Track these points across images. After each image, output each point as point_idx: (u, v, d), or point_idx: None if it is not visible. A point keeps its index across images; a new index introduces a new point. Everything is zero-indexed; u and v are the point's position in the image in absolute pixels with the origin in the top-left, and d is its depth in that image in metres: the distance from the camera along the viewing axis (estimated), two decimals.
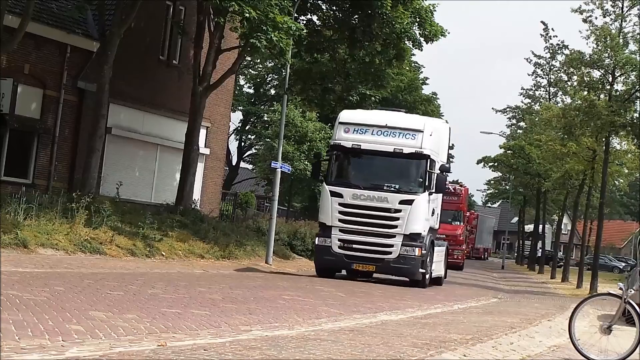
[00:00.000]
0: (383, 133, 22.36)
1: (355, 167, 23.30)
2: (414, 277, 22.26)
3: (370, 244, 21.83)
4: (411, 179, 22.45)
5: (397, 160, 22.23)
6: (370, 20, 31.03)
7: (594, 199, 40.41)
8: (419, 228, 21.92)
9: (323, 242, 22.17)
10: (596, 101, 29.77)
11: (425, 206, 22.12)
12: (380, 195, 21.82)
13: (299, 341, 8.41)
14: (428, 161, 22.22)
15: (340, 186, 22.23)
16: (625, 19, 30.94)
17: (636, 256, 27.19)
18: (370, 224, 21.81)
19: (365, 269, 22.44)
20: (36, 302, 9.17)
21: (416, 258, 21.72)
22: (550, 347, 11.12)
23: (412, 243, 21.77)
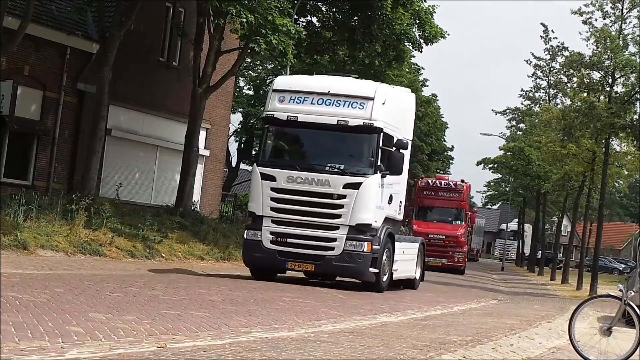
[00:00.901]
0: (325, 102, 18.47)
1: (290, 143, 19.54)
2: (363, 278, 18.49)
3: (309, 238, 17.91)
4: (359, 158, 18.55)
5: (342, 134, 18.37)
6: (370, 21, 31.05)
7: (593, 201, 40.41)
8: (368, 218, 17.95)
9: (252, 236, 18.19)
10: (596, 103, 29.77)
11: (376, 191, 18.14)
12: (320, 178, 17.95)
13: (298, 343, 8.41)
14: (380, 136, 18.17)
15: (272, 167, 18.28)
16: (625, 21, 30.94)
17: (636, 258, 27.23)
18: (308, 213, 17.93)
19: (303, 269, 18.50)
20: (36, 303, 9.17)
21: (364, 255, 17.76)
22: (550, 349, 11.13)
23: (359, 236, 17.83)
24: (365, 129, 18.11)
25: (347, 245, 17.82)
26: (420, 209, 42.01)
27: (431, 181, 43.69)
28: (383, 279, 18.64)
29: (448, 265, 38.90)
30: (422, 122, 59.60)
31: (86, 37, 26.18)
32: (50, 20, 25.17)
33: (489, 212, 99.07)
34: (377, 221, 18.30)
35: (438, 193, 41.95)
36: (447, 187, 42.28)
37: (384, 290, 18.57)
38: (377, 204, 18.21)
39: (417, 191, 42.66)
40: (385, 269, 18.78)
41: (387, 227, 18.84)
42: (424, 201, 41.92)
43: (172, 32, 29.68)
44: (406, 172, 20.64)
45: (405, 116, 20.73)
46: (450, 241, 39.87)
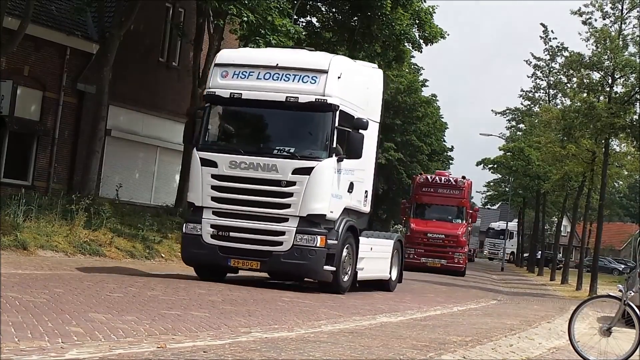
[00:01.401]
0: (273, 76, 16.26)
1: (234, 124, 17.41)
2: (317, 277, 16.34)
3: (254, 231, 15.79)
4: (311, 139, 16.35)
5: (292, 113, 16.23)
6: (370, 22, 31.10)
7: (593, 201, 40.40)
8: (321, 208, 15.76)
9: (192, 230, 16.14)
10: (596, 103, 29.76)
11: (330, 176, 15.89)
12: (267, 163, 15.77)
13: (298, 343, 8.42)
14: (336, 114, 15.93)
15: (213, 151, 16.24)
16: (624, 21, 30.94)
17: (636, 258, 27.23)
18: (253, 203, 15.80)
19: (247, 267, 16.10)
20: (36, 304, 9.17)
21: (317, 250, 15.55)
22: (550, 349, 11.14)
23: (311, 229, 15.67)
24: (318, 106, 15.93)
25: (297, 239, 15.63)
26: (418, 207, 39.57)
27: (430, 177, 41.29)
28: (343, 278, 16.53)
29: (447, 266, 37.02)
30: (422, 122, 59.70)
31: (86, 38, 26.20)
32: (50, 20, 25.19)
33: (488, 212, 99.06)
34: (334, 212, 16.11)
35: (437, 190, 39.45)
36: (447, 184, 39.73)
37: (344, 291, 16.57)
38: (332, 192, 15.99)
39: (416, 188, 40.53)
40: (347, 268, 16.63)
41: (348, 220, 16.61)
42: (423, 198, 39.45)
43: (172, 33, 29.70)
44: (373, 158, 18.43)
45: (369, 94, 18.22)
46: (450, 241, 37.68)
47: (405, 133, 58.26)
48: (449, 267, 36.96)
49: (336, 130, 15.98)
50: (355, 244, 17.00)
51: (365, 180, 17.81)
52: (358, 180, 17.23)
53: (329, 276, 16.06)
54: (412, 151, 58.53)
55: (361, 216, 17.96)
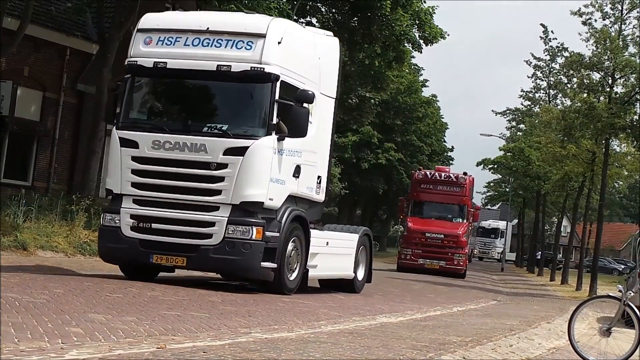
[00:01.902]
0: (203, 42, 14.14)
1: (158, 98, 15.29)
2: (253, 275, 14.13)
3: (179, 222, 13.73)
4: (246, 115, 14.18)
5: (224, 84, 14.16)
6: (370, 22, 31.09)
7: (593, 201, 40.42)
8: (257, 194, 13.60)
9: (110, 222, 14.09)
10: (596, 103, 29.77)
11: (269, 157, 13.71)
12: (195, 142, 13.66)
13: (298, 343, 8.42)
14: (276, 85, 13.85)
15: (134, 130, 14.14)
16: (624, 22, 30.97)
17: (635, 258, 27.25)
18: (178, 189, 13.74)
19: (171, 263, 13.92)
20: (35, 304, 9.17)
21: (252, 243, 13.40)
22: (550, 350, 11.15)
23: (245, 219, 13.56)
24: (254, 75, 13.79)
25: (229, 230, 13.53)
26: (416, 205, 37.10)
27: (429, 173, 38.59)
28: (289, 277, 14.40)
29: (447, 268, 34.83)
30: (422, 122, 59.72)
31: (86, 38, 26.22)
32: (50, 21, 25.20)
33: (488, 212, 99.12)
34: (274, 199, 13.94)
35: (437, 187, 36.94)
36: (447, 181, 37.19)
37: (290, 291, 14.44)
38: (272, 176, 13.82)
39: (413, 184, 38.23)
40: (293, 265, 14.51)
41: (294, 209, 14.46)
42: (421, 196, 36.99)
43: None
44: (327, 140, 16.13)
45: (322, 66, 15.79)
46: (450, 241, 35.25)
47: (406, 133, 58.31)
48: (448, 269, 34.90)
49: (276, 104, 13.84)
50: (304, 237, 14.81)
51: (319, 164, 15.62)
52: (308, 163, 15.00)
53: (268, 274, 13.85)
54: (412, 151, 58.59)
55: (314, 206, 15.73)
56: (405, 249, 35.60)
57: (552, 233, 62.57)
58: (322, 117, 15.58)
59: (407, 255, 35.14)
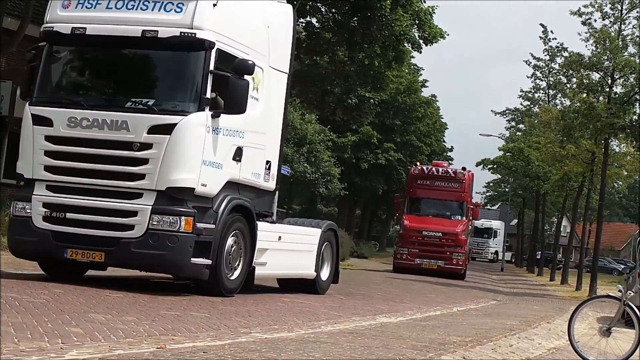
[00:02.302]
0: (127, 5, 12.40)
1: (76, 69, 13.29)
2: (182, 273, 12.44)
3: (97, 212, 11.99)
4: (174, 87, 12.45)
5: (151, 53, 12.53)
6: (370, 22, 31.07)
7: (593, 201, 40.44)
8: (187, 179, 11.88)
9: (21, 211, 12.53)
10: (595, 103, 29.79)
11: (200, 136, 11.94)
12: (116, 119, 11.89)
13: (298, 343, 8.42)
14: (210, 54, 12.13)
15: (49, 105, 12.44)
16: (624, 22, 31.02)
17: (635, 258, 27.27)
18: (96, 173, 12.01)
19: (88, 258, 12.06)
20: (35, 304, 9.17)
21: (181, 236, 11.67)
22: (550, 350, 11.15)
23: (172, 208, 11.81)
24: (185, 42, 12.06)
25: (153, 221, 11.77)
26: (413, 202, 35.42)
27: (426, 168, 36.59)
28: (229, 275, 12.67)
29: (445, 268, 33.18)
30: (422, 123, 59.73)
31: None
32: None
33: (488, 212, 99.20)
34: (208, 185, 12.20)
35: (434, 183, 35.20)
36: (445, 176, 35.44)
37: (231, 292, 12.73)
38: (204, 157, 12.04)
39: (410, 180, 36.50)
40: (234, 262, 12.75)
41: (234, 198, 12.71)
42: (417, 192, 35.30)
43: None
44: (279, 120, 14.29)
45: (270, 35, 13.90)
46: (448, 240, 33.43)
47: (405, 133, 58.31)
48: (447, 269, 33.20)
49: (211, 76, 12.12)
50: (249, 230, 13.09)
51: (268, 147, 13.81)
52: (253, 145, 13.23)
53: (201, 272, 12.13)
54: (412, 152, 58.58)
55: (263, 195, 13.97)
56: (401, 249, 34.05)
57: (552, 233, 62.57)
58: (272, 94, 13.82)
59: (403, 255, 33.66)
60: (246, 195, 13.20)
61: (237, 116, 12.43)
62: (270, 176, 13.94)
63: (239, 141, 12.81)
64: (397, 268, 33.46)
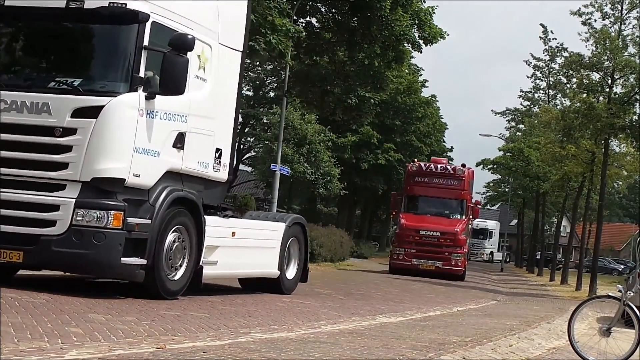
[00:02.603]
0: None
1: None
2: (111, 274, 11.18)
3: (14, 205, 10.64)
4: (102, 65, 11.23)
5: (76, 26, 11.31)
6: (370, 22, 31.06)
7: (593, 201, 40.44)
8: (115, 168, 10.60)
9: None
10: (595, 103, 29.79)
11: (132, 120, 10.65)
12: (36, 101, 10.67)
13: (298, 343, 8.42)
14: (144, 27, 10.92)
15: None
16: (624, 22, 31.01)
17: (635, 259, 27.26)
18: (14, 162, 10.71)
19: (5, 259, 10.60)
20: (35, 304, 9.17)
21: (108, 233, 10.39)
22: (550, 350, 11.15)
23: (99, 201, 10.52)
24: (115, 14, 10.84)
25: (77, 216, 10.48)
26: (410, 200, 33.98)
27: (424, 165, 35.05)
28: (170, 276, 11.44)
29: (443, 269, 31.92)
30: (422, 123, 59.70)
31: None
32: None
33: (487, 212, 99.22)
34: (142, 175, 10.89)
35: (433, 180, 33.74)
36: (444, 173, 34.03)
37: (173, 294, 11.49)
38: (137, 144, 10.74)
39: (407, 177, 34.91)
40: (176, 261, 11.53)
41: (174, 189, 11.45)
42: (415, 189, 33.84)
43: None
44: (231, 104, 13.08)
45: (220, 9, 12.68)
46: (447, 239, 32.13)
47: (405, 134, 58.28)
48: (445, 270, 31.86)
49: (145, 52, 10.87)
50: (194, 226, 11.85)
51: (218, 133, 12.57)
52: (199, 131, 11.99)
53: (134, 273, 10.87)
54: (411, 152, 58.52)
55: (213, 186, 12.73)
56: (397, 249, 32.71)
57: (552, 233, 62.56)
58: (223, 75, 12.57)
59: (399, 255, 32.33)
60: (192, 187, 11.97)
61: (178, 98, 11.26)
62: (221, 166, 12.72)
63: (180, 126, 11.57)
64: (394, 269, 32.40)
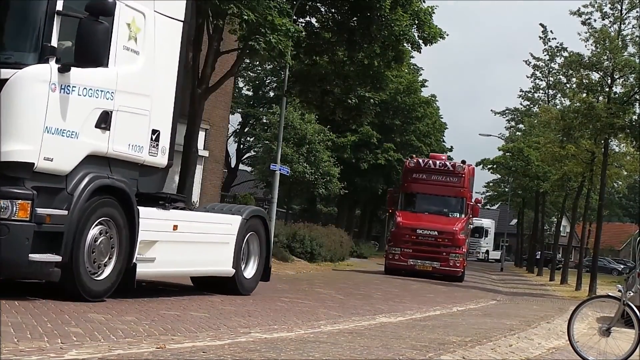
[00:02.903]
0: None
1: None
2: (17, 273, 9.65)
3: None
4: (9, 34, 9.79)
5: None
6: (369, 22, 31.05)
7: (592, 201, 40.45)
8: (21, 150, 9.23)
9: None
10: (595, 103, 29.79)
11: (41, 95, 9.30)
12: None
13: (298, 343, 8.42)
14: None
15: None
16: (624, 22, 31.01)
17: (635, 258, 27.30)
18: None
19: None
20: (35, 304, 9.17)
21: (12, 226, 9.00)
22: (549, 349, 11.15)
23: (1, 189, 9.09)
24: None
25: None
26: (407, 197, 32.56)
27: (422, 161, 33.52)
28: (94, 275, 10.12)
29: (441, 270, 30.52)
30: (421, 123, 59.72)
31: None
32: None
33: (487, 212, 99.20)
34: (56, 159, 9.51)
35: (431, 177, 32.24)
36: (443, 170, 32.42)
37: (97, 295, 10.15)
38: (48, 123, 9.37)
39: (405, 174, 33.39)
40: (102, 258, 10.18)
41: (99, 176, 10.12)
42: (412, 187, 32.29)
43: None
44: (170, 77, 11.63)
45: None
46: (445, 239, 30.63)
47: (405, 133, 58.29)
48: (443, 271, 30.51)
49: (58, 18, 9.55)
50: (126, 217, 10.47)
51: (155, 113, 11.19)
52: (130, 110, 10.67)
53: (47, 272, 9.53)
54: (411, 152, 58.42)
55: (149, 172, 11.35)
56: (393, 248, 31.10)
57: (552, 233, 62.58)
58: (159, 46, 11.21)
59: (395, 255, 30.75)
60: (123, 174, 10.64)
61: (102, 72, 10.00)
62: (159, 149, 11.34)
63: (104, 103, 10.19)
64: (389, 269, 30.99)
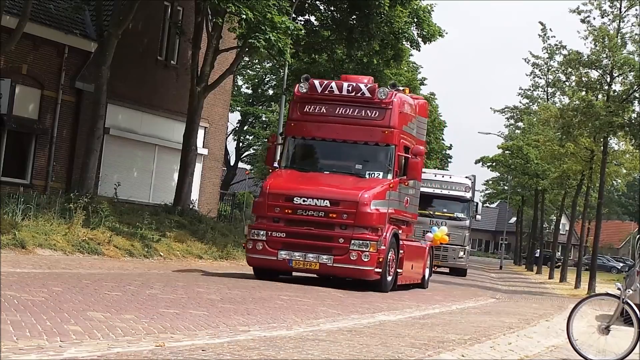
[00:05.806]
0: None
1: None
2: None
3: None
4: None
5: None
6: (368, 20, 31.06)
7: (592, 199, 40.48)
8: None
9: None
10: (594, 101, 29.80)
11: None
12: None
13: (297, 341, 8.41)
14: None
15: None
16: (623, 20, 31.01)
17: (634, 256, 27.35)
18: None
19: None
20: (34, 302, 9.16)
21: None
22: (549, 347, 11.14)
23: None
24: None
25: None
26: (294, 146, 19.22)
27: (320, 84, 19.15)
28: None
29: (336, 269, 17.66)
30: None
31: (84, 36, 26.18)
32: (48, 19, 25.16)
33: (487, 211, 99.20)
34: None
35: (335, 110, 18.76)
36: (354, 98, 18.82)
37: None
38: None
39: (292, 106, 19.68)
40: None
41: None
42: (303, 128, 19.13)
43: (171, 31, 29.73)
44: None
45: None
46: (342, 214, 17.36)
47: None
48: (340, 271, 17.78)
49: None
50: None
51: None
52: None
53: None
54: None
55: None
56: (255, 232, 17.84)
57: (551, 231, 62.61)
58: None
59: (257, 244, 17.65)
60: None
61: None
62: None
63: None
64: (255, 270, 18.44)
